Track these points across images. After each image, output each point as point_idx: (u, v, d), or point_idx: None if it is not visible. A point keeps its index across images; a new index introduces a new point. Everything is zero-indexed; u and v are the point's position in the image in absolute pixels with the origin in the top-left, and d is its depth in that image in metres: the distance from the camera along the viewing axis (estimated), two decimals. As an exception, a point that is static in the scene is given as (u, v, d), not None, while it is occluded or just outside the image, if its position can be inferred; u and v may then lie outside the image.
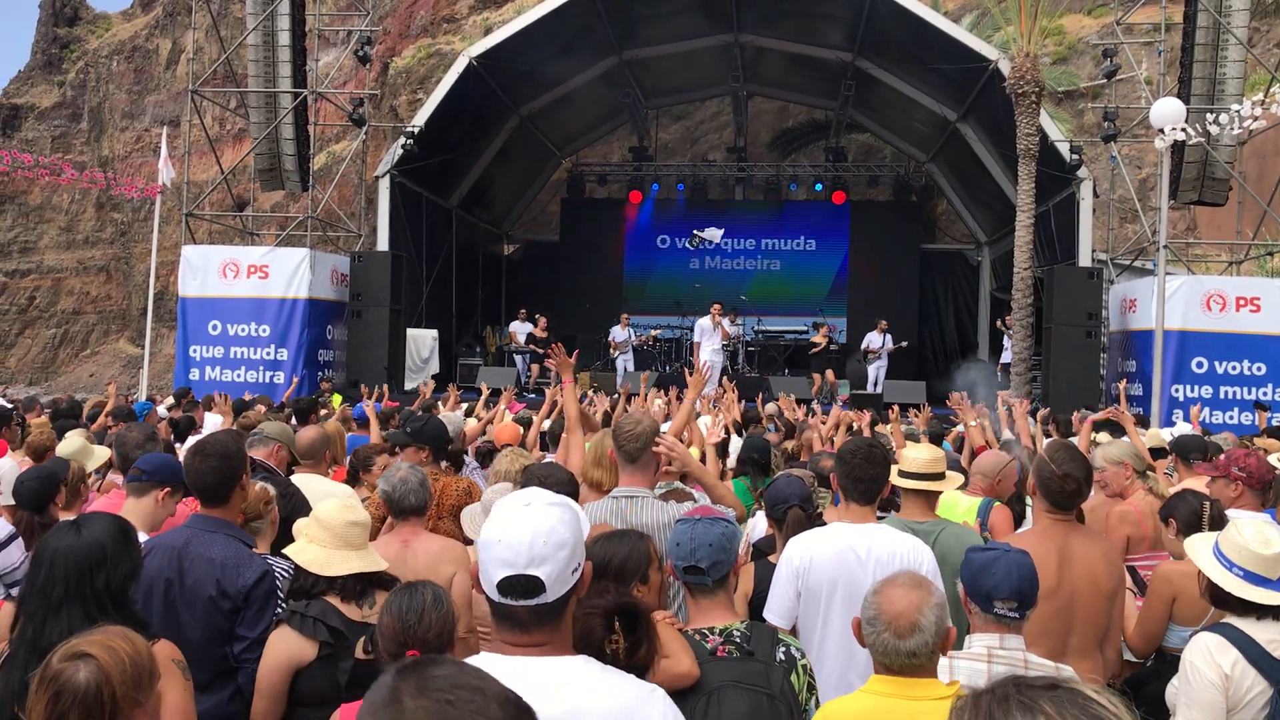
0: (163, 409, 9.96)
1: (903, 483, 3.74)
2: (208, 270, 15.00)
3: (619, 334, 17.49)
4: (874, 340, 17.53)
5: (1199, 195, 14.80)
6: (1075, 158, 15.01)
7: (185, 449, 3.81)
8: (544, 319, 17.55)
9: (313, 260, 15.05)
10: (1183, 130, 11.00)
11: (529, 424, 7.04)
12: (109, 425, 7.31)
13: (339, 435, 5.96)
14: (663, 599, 2.79)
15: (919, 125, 20.01)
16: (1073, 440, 6.35)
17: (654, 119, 22.95)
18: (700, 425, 6.01)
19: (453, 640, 2.52)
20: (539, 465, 4.20)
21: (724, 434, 5.69)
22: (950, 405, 8.11)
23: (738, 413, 8.61)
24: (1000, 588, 2.61)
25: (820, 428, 7.42)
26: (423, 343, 17.30)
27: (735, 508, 3.78)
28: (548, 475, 3.65)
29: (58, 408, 8.57)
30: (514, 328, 18.30)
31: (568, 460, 4.30)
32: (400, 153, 16.39)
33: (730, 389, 9.32)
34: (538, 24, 16.38)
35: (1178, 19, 15.07)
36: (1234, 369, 13.44)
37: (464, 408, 9.10)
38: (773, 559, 3.72)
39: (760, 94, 22.65)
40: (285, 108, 15.81)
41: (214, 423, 7.88)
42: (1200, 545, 3.00)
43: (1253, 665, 2.73)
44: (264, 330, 14.84)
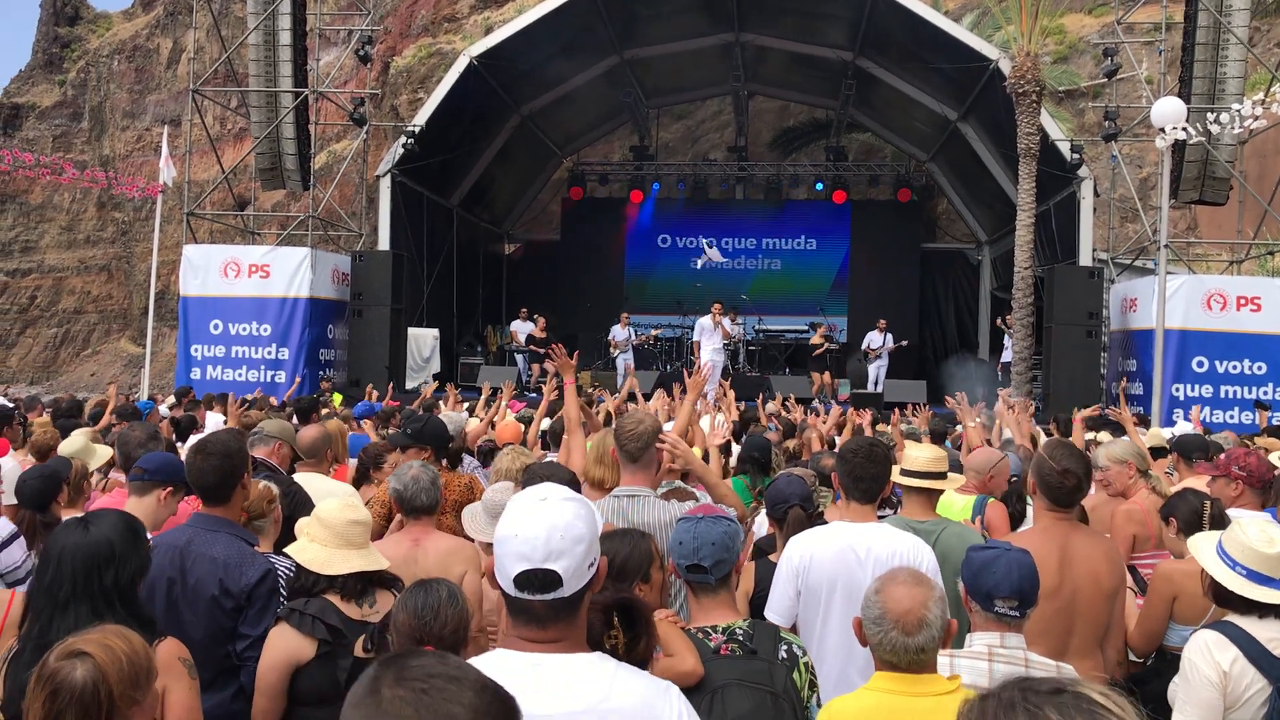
0: (164, 408, 9.97)
1: (905, 481, 3.74)
2: (209, 269, 15.02)
3: (619, 333, 17.48)
4: (874, 339, 17.54)
5: (1200, 194, 14.80)
6: (1076, 157, 15.01)
7: (187, 448, 3.81)
8: (543, 319, 17.55)
9: (314, 259, 15.06)
10: (1183, 129, 11.00)
11: (530, 423, 7.05)
12: (113, 423, 7.31)
13: (340, 434, 5.96)
14: (664, 597, 2.79)
15: (920, 124, 20.01)
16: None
17: (655, 118, 22.94)
18: (701, 425, 6.01)
19: (467, 637, 2.51)
20: (540, 464, 4.20)
21: (728, 434, 5.70)
22: (949, 406, 8.10)
23: (735, 413, 8.61)
24: (1001, 586, 2.62)
25: (820, 427, 7.43)
26: (424, 342, 17.32)
27: (736, 507, 3.78)
28: (550, 474, 3.65)
29: (59, 407, 8.58)
30: (515, 327, 18.30)
31: (569, 461, 4.30)
32: (401, 152, 16.40)
33: (724, 387, 9.32)
34: (538, 23, 16.39)
35: (1178, 18, 15.06)
36: (1234, 368, 13.45)
37: (464, 406, 9.10)
38: (773, 558, 3.72)
39: (761, 93, 22.64)
40: (286, 107, 15.81)
41: (215, 422, 7.89)
42: (1204, 544, 3.01)
43: (1252, 663, 2.73)
44: (265, 329, 14.86)
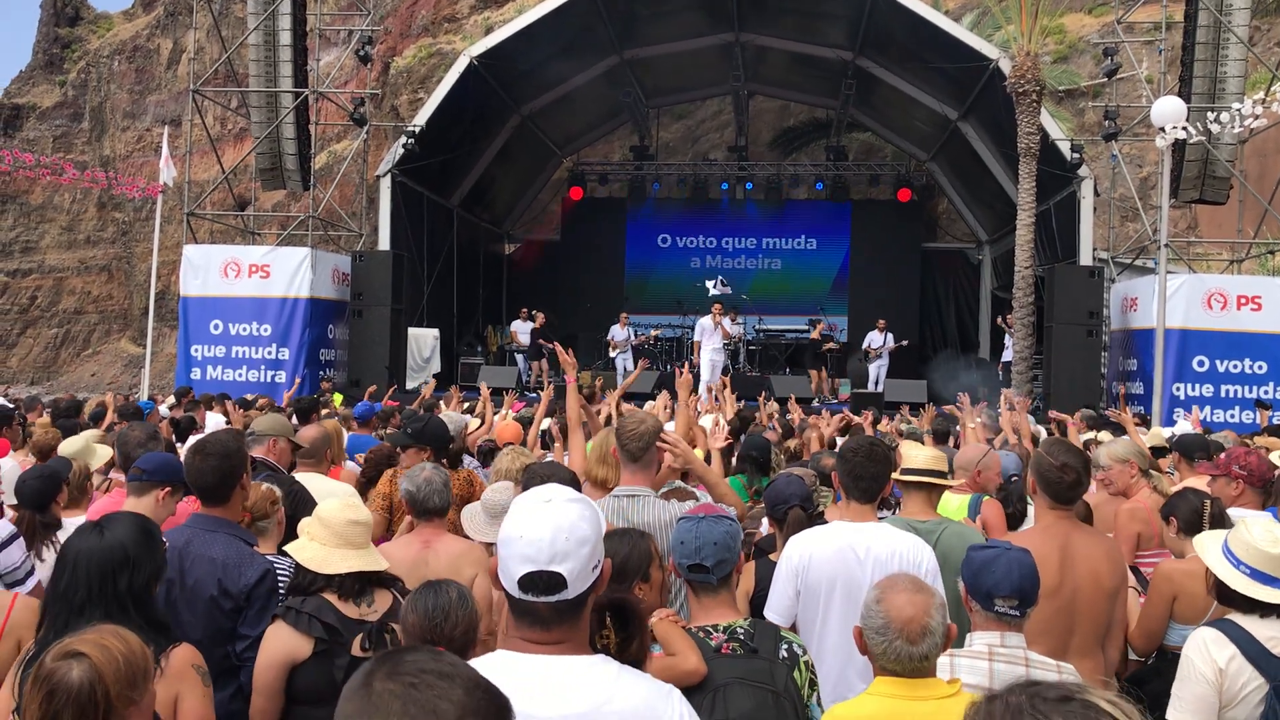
0: (164, 408, 9.97)
1: (905, 478, 3.74)
2: (209, 270, 15.02)
3: (618, 333, 17.49)
4: (874, 339, 17.53)
5: (1200, 194, 14.80)
6: (1076, 156, 15.00)
7: (186, 448, 3.81)
8: (541, 315, 17.60)
9: (314, 260, 15.06)
10: (1183, 129, 10.99)
11: (530, 423, 7.04)
12: (115, 422, 7.31)
13: (338, 434, 5.96)
14: (664, 597, 2.79)
15: (920, 124, 20.01)
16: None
17: (655, 118, 22.94)
18: (703, 425, 6.00)
19: (476, 639, 2.51)
20: (540, 464, 4.19)
21: (729, 435, 5.68)
22: (949, 412, 8.08)
23: (732, 409, 8.59)
24: (1001, 586, 2.62)
25: (822, 427, 7.42)
26: (424, 342, 17.32)
27: (737, 506, 3.78)
28: (550, 474, 3.64)
29: (59, 407, 8.58)
30: (515, 327, 18.29)
31: (569, 461, 4.30)
32: (401, 152, 16.40)
33: (724, 383, 9.31)
34: (538, 23, 16.39)
35: (1178, 18, 15.06)
36: (1235, 367, 13.45)
37: (465, 407, 9.11)
38: (773, 557, 3.72)
39: (761, 93, 22.64)
40: (286, 107, 15.81)
41: (215, 422, 7.89)
42: (1209, 543, 3.01)
43: (1251, 662, 2.73)
44: (265, 330, 14.86)
